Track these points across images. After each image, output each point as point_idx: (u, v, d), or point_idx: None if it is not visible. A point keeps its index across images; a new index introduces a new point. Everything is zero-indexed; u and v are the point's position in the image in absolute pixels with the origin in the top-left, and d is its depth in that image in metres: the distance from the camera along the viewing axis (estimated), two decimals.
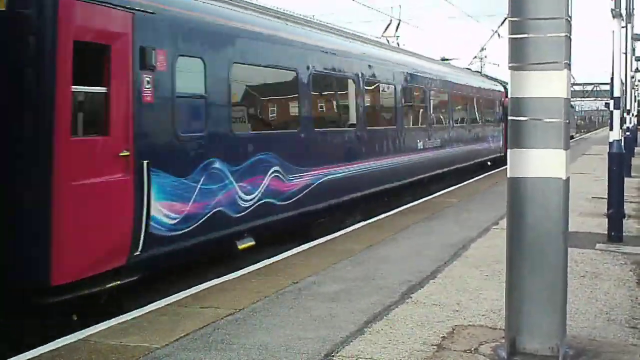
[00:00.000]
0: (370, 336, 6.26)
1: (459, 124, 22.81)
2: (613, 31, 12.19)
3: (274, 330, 6.47)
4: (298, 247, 10.58)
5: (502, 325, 5.94)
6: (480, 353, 5.77)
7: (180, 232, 8.57)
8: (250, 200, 10.03)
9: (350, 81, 14.08)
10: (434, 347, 5.94)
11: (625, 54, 20.20)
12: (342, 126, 13.85)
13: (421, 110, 19.18)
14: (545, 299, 5.58)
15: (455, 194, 18.10)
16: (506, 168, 5.69)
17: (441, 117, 20.95)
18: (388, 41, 24.36)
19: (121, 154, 7.64)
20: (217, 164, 9.27)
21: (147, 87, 8.03)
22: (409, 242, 10.96)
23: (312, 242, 10.99)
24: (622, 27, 13.41)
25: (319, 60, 12.57)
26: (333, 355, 5.76)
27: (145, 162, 7.90)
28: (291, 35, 11.96)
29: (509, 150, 5.64)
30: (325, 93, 13.56)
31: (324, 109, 13.82)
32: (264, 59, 10.73)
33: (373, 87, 15.48)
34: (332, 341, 6.11)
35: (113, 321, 6.93)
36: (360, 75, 14.35)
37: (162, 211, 8.24)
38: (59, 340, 6.35)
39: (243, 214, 9.85)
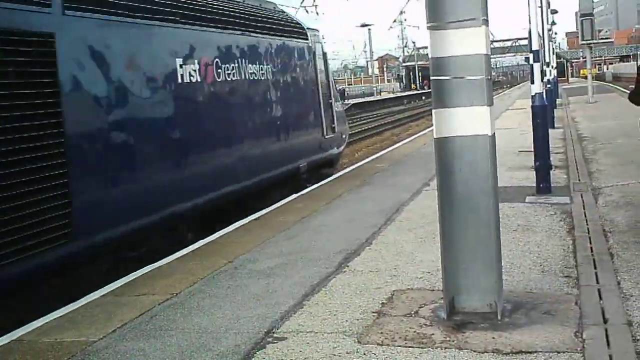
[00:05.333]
0: (309, 309, 6.20)
1: None
2: None
3: (213, 312, 6.37)
4: (231, 225, 10.46)
5: (440, 286, 5.94)
6: (421, 316, 5.76)
7: None
8: None
9: None
10: (374, 314, 5.91)
11: (541, 7, 20.51)
12: None
13: None
14: (480, 256, 5.60)
15: (384, 159, 18.17)
16: (431, 131, 5.66)
17: None
18: (307, 11, 23.63)
19: None
20: None
21: None
22: (343, 211, 10.94)
23: (245, 219, 10.88)
24: None
25: None
26: (274, 332, 5.68)
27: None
28: None
29: (433, 111, 5.61)
30: None
31: None
32: None
33: None
34: (272, 318, 6.03)
35: (46, 318, 6.70)
36: None
37: None
38: None
39: None
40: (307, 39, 15.54)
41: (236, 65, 11.70)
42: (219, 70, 11.11)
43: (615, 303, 5.75)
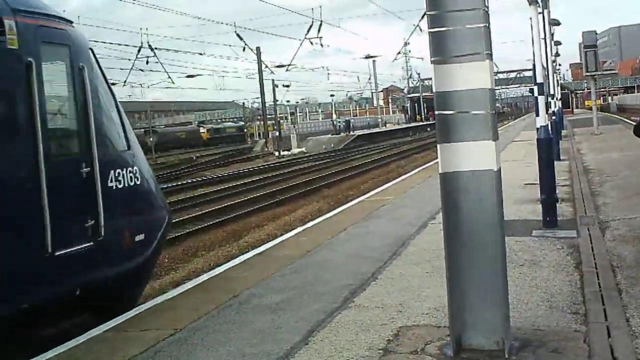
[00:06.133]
0: (315, 346, 6.14)
1: None
2: (530, 18, 12.34)
3: (217, 348, 6.31)
4: (236, 259, 10.41)
5: (447, 322, 5.87)
6: (427, 353, 5.69)
7: None
8: None
9: None
10: (380, 351, 5.85)
11: (545, 39, 20.57)
12: None
13: None
14: (487, 292, 5.54)
15: (390, 192, 18.12)
16: (437, 163, 5.63)
17: None
18: (312, 43, 23.33)
19: None
20: None
21: None
22: (348, 245, 10.87)
23: (249, 253, 10.84)
24: (539, 12, 13.62)
25: None
26: None
27: None
28: None
29: (438, 146, 5.58)
30: None
31: None
32: None
33: None
34: (277, 354, 5.97)
35: (48, 354, 6.67)
36: None
37: None
38: None
39: None
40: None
41: None
42: None
43: (625, 341, 5.67)
